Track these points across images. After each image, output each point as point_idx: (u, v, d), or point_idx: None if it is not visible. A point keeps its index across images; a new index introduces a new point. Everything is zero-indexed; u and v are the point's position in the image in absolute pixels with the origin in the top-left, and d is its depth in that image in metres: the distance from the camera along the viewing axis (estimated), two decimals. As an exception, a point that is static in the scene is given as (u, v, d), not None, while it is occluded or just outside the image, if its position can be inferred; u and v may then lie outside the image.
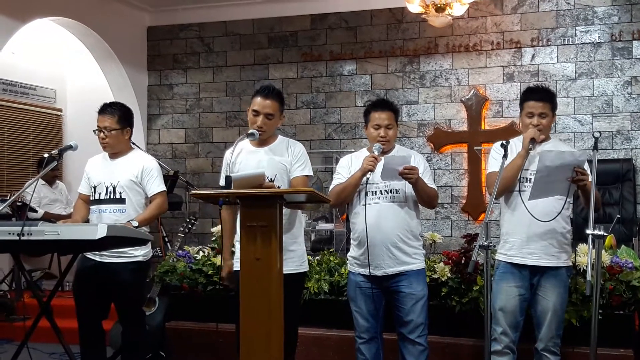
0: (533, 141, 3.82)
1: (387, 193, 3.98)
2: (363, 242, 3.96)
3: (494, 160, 3.98)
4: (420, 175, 3.90)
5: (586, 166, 3.81)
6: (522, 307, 3.91)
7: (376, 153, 3.90)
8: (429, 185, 4.00)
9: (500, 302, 3.87)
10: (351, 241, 4.14)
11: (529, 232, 3.83)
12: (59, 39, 8.52)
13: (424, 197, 3.98)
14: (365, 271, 3.98)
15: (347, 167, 4.09)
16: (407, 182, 3.91)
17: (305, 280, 4.54)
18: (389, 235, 3.93)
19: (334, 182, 4.13)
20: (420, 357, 3.96)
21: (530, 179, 3.81)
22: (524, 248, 3.85)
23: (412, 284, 3.95)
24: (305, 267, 3.97)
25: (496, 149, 3.99)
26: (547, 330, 3.85)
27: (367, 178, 3.91)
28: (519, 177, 3.85)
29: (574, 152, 3.84)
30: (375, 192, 3.99)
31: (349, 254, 4.20)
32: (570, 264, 4.02)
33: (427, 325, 3.99)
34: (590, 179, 3.72)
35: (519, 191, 3.85)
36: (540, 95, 3.97)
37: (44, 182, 7.61)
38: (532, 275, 3.88)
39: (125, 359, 4.52)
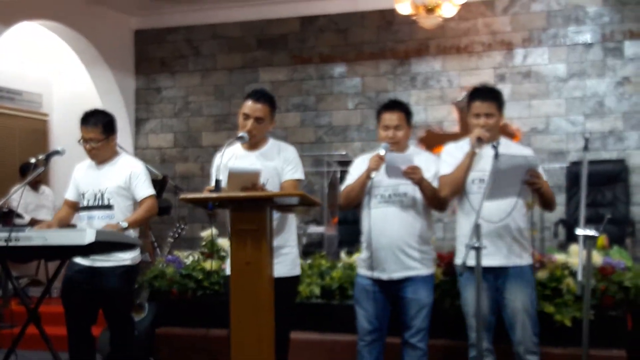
0: (480, 141, 3.79)
1: (395, 197, 3.94)
2: (369, 245, 3.94)
3: (444, 162, 3.98)
4: (430, 178, 3.88)
5: (540, 170, 3.84)
6: (492, 307, 3.88)
7: (382, 152, 3.84)
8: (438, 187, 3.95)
9: (470, 307, 3.84)
10: (361, 244, 4.11)
11: (483, 233, 3.76)
12: (45, 42, 8.46)
13: (431, 199, 3.93)
14: (371, 274, 3.95)
15: (359, 168, 4.04)
16: (415, 187, 3.88)
17: (298, 284, 4.50)
18: (394, 239, 3.89)
19: (345, 183, 4.10)
20: None
21: (481, 179, 3.79)
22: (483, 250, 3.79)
23: (417, 290, 3.92)
24: (297, 271, 3.93)
25: (446, 151, 4.01)
26: (522, 332, 3.82)
27: (372, 178, 3.86)
28: (467, 178, 3.84)
29: (527, 157, 3.81)
30: (383, 195, 3.95)
31: (358, 256, 4.18)
32: (532, 261, 3.99)
33: (429, 330, 3.97)
34: (544, 182, 3.78)
35: (469, 193, 3.83)
36: (485, 95, 3.96)
37: (28, 188, 7.53)
38: (496, 278, 3.85)
39: None
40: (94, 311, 4.40)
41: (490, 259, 3.75)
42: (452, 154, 3.96)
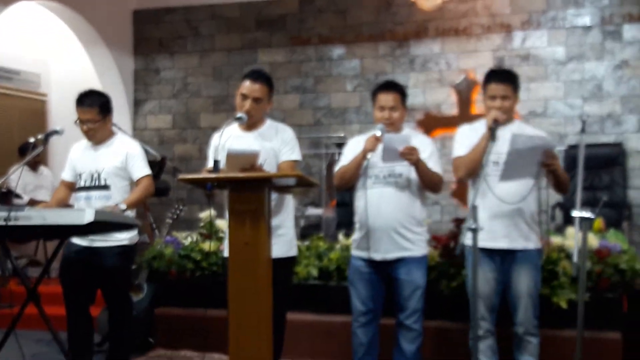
0: (496, 123, 3.78)
1: (390, 177, 3.94)
2: (364, 226, 3.95)
3: (458, 143, 3.98)
4: (425, 159, 3.88)
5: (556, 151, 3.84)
6: (498, 290, 3.91)
7: (378, 133, 3.84)
8: (434, 170, 3.95)
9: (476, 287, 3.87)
10: (355, 225, 4.12)
11: (496, 215, 3.79)
12: (43, 22, 8.41)
13: (426, 181, 3.94)
14: (365, 255, 3.97)
15: (353, 149, 4.05)
16: (411, 168, 3.88)
17: (295, 265, 4.52)
18: (389, 220, 3.91)
19: (339, 164, 4.11)
20: (414, 342, 3.96)
21: (496, 162, 3.77)
22: (492, 232, 3.80)
23: (411, 270, 3.94)
24: (294, 252, 3.95)
25: (461, 132, 4.01)
26: (524, 314, 3.86)
27: (368, 159, 3.86)
28: (483, 160, 3.83)
29: (545, 137, 3.82)
30: (379, 176, 3.95)
31: (352, 237, 4.19)
32: (540, 245, 4.00)
33: (423, 311, 3.99)
34: (559, 163, 3.76)
35: (485, 175, 3.80)
36: (501, 78, 3.93)
37: (27, 168, 7.54)
38: (503, 260, 3.87)
39: (112, 344, 4.50)
40: (92, 290, 4.43)
41: (500, 242, 3.80)
42: (467, 136, 3.94)
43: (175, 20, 8.50)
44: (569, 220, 6.17)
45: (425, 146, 3.98)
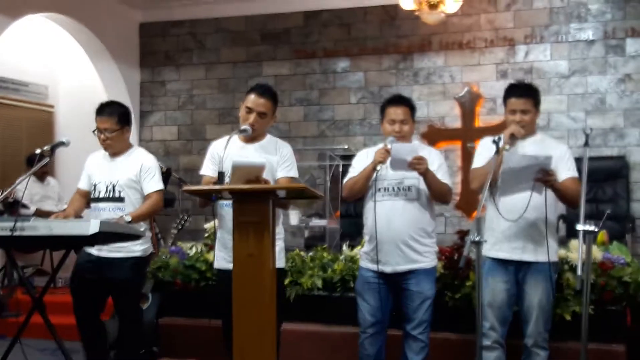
0: (513, 137, 3.80)
1: (400, 190, 3.96)
2: (373, 238, 3.96)
3: (478, 155, 4.00)
4: (434, 170, 3.90)
5: (569, 164, 3.87)
6: (510, 302, 3.91)
7: (389, 146, 3.86)
8: (442, 180, 3.97)
9: (488, 297, 3.87)
10: (364, 236, 4.14)
11: (509, 227, 3.82)
12: (51, 35, 8.48)
13: (435, 191, 3.95)
14: (375, 267, 3.97)
15: (362, 161, 4.07)
16: (420, 180, 3.90)
17: (285, 277, 4.55)
18: (399, 232, 3.92)
19: (348, 176, 4.13)
20: (420, 353, 3.97)
21: None
22: (507, 243, 3.85)
23: (420, 282, 3.95)
24: (282, 264, 3.96)
25: (482, 144, 4.02)
26: (534, 327, 3.85)
27: (378, 171, 3.87)
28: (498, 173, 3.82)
29: (538, 157, 3.75)
30: (388, 188, 3.97)
31: (361, 249, 4.20)
32: (556, 259, 4.00)
33: (430, 323, 4.00)
34: (556, 179, 3.74)
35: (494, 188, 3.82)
36: (521, 92, 3.97)
37: (34, 179, 7.59)
38: (517, 271, 3.88)
39: (120, 353, 4.51)
40: (102, 301, 4.43)
41: (512, 253, 3.82)
42: (488, 148, 3.90)
43: (181, 33, 8.57)
44: (572, 232, 6.19)
45: (433, 158, 4.01)
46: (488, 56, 7.44)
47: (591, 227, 3.43)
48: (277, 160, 3.90)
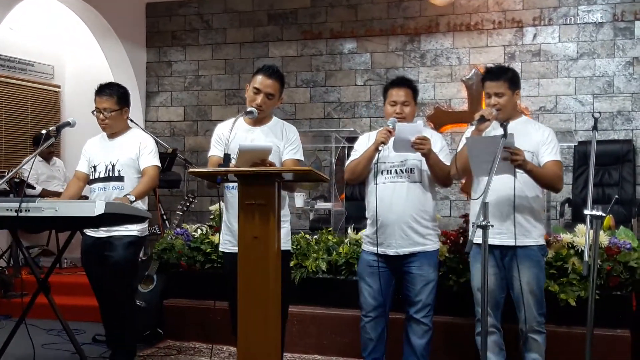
0: (482, 119, 3.77)
1: (402, 172, 3.96)
2: (375, 221, 3.96)
3: (461, 143, 3.98)
4: (436, 153, 3.89)
5: (545, 147, 3.83)
6: (501, 285, 3.89)
7: (390, 127, 3.85)
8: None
9: (477, 282, 3.84)
10: (367, 220, 4.12)
11: (492, 213, 3.72)
12: (57, 15, 8.47)
13: (438, 173, 3.94)
14: (377, 250, 3.96)
15: (364, 144, 4.06)
16: (422, 162, 3.89)
17: (290, 259, 4.55)
18: (402, 215, 3.92)
19: (350, 158, 4.12)
20: (424, 337, 3.97)
21: None
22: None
23: (423, 265, 3.95)
24: (288, 246, 3.95)
25: (467, 130, 3.97)
26: (527, 312, 3.83)
27: (380, 151, 3.86)
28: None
29: (495, 137, 3.66)
30: (390, 171, 3.97)
31: (363, 232, 4.19)
32: (543, 242, 3.96)
33: (434, 306, 4.00)
34: (523, 158, 3.66)
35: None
36: (494, 75, 3.94)
37: (41, 159, 7.62)
38: (502, 256, 3.85)
39: (117, 336, 4.52)
40: None
41: (495, 238, 3.76)
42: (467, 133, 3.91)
43: (187, 14, 8.53)
44: (577, 216, 6.18)
45: (436, 140, 4.00)
46: (496, 38, 7.38)
47: (599, 212, 3.42)
48: (283, 143, 3.89)
